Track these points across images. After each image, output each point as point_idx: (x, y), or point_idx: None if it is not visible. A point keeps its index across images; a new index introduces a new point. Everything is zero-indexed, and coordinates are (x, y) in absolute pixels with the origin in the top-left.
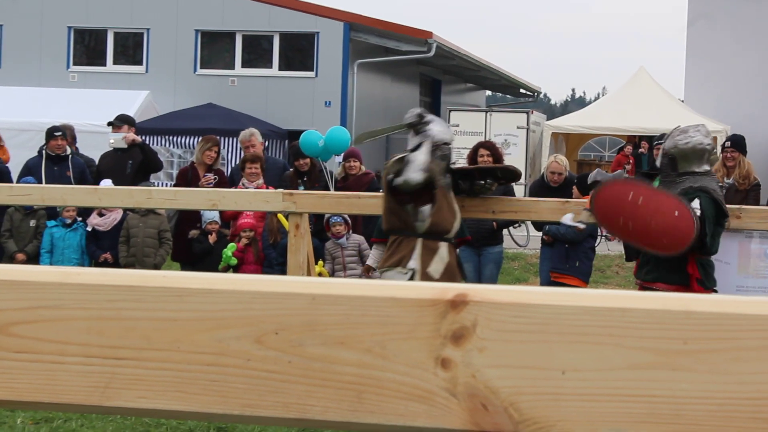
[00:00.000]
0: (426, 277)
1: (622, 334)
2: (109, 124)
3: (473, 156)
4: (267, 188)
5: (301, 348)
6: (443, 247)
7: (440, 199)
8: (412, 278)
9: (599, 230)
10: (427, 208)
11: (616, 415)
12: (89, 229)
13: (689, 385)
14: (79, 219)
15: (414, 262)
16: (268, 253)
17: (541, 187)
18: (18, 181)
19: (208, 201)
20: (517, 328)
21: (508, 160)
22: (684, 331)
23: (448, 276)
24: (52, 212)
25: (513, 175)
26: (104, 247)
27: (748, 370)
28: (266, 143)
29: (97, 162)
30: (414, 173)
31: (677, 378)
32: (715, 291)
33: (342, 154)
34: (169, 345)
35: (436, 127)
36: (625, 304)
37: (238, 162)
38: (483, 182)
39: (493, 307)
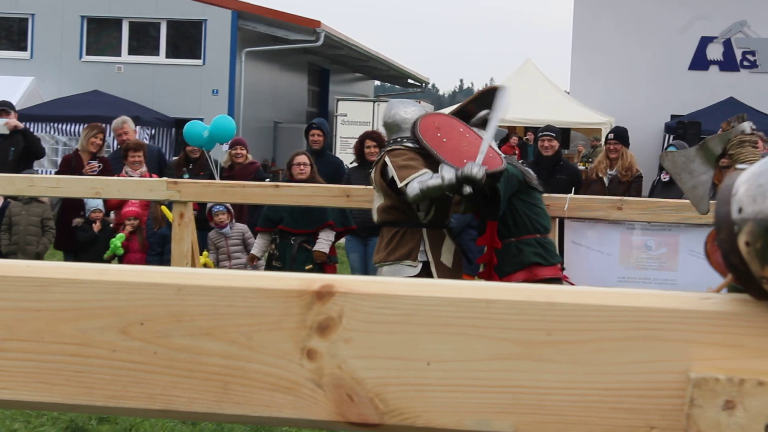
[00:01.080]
0: (441, 267)
1: (485, 325)
2: None
3: (360, 147)
4: (150, 176)
5: (167, 339)
6: (447, 235)
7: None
8: (423, 270)
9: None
10: (426, 201)
11: (480, 406)
12: None
13: (552, 375)
14: None
15: (424, 255)
16: (152, 241)
17: None
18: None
19: (92, 189)
20: (382, 319)
21: None
22: (547, 323)
23: (457, 263)
24: None
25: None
26: None
27: (610, 360)
28: (152, 131)
29: None
30: (413, 187)
31: (540, 369)
32: (558, 264)
33: (228, 142)
34: (32, 335)
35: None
36: (488, 295)
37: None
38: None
39: (359, 299)
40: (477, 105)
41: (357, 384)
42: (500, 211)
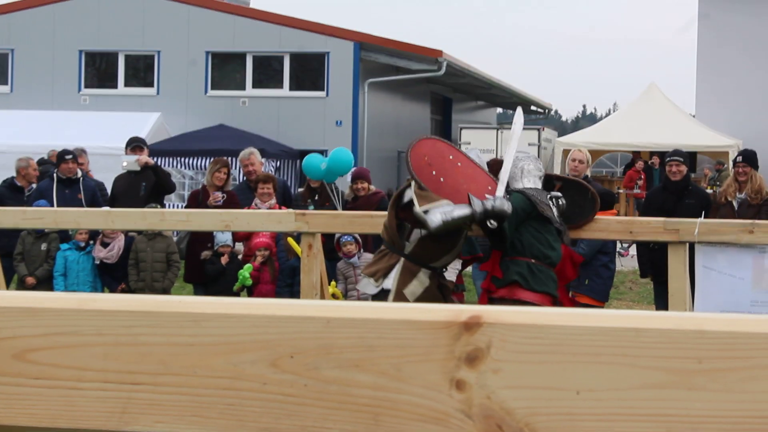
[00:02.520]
0: (400, 297)
1: (636, 354)
2: (128, 146)
3: None
4: (280, 208)
5: (317, 371)
6: (423, 273)
7: (430, 234)
8: (378, 295)
9: (615, 246)
10: (416, 233)
11: None
12: (97, 262)
13: (704, 404)
14: (92, 242)
15: (389, 281)
16: (281, 273)
17: None
18: (31, 205)
19: (221, 222)
20: (531, 349)
21: None
22: (698, 351)
23: (423, 301)
24: (64, 235)
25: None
26: (117, 277)
27: (763, 388)
28: (277, 163)
29: (106, 184)
30: (434, 216)
31: (692, 397)
32: (545, 294)
33: (350, 174)
34: (186, 370)
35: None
36: (638, 324)
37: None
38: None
39: (507, 329)
40: None
41: (506, 414)
42: (507, 245)
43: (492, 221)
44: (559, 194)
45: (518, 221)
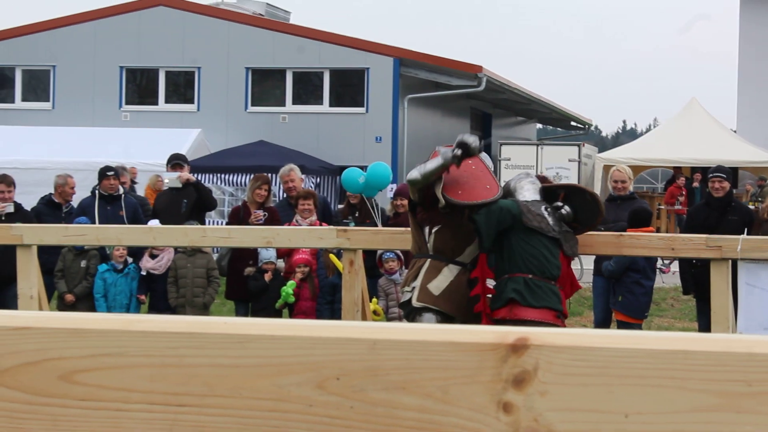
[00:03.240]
0: (424, 291)
1: (684, 376)
2: (169, 162)
3: None
4: (320, 224)
5: (363, 393)
6: (451, 268)
7: (446, 223)
8: (412, 295)
9: (646, 262)
10: (427, 229)
11: None
12: (144, 273)
13: (754, 428)
14: (130, 261)
15: (417, 281)
16: (322, 290)
17: (608, 202)
18: (72, 221)
19: (263, 238)
20: (578, 371)
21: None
22: (748, 373)
23: (450, 295)
24: (104, 253)
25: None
26: (158, 290)
27: None
28: (317, 179)
29: (149, 200)
30: (413, 172)
31: (741, 421)
32: (546, 308)
33: (391, 190)
34: (231, 391)
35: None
36: (686, 346)
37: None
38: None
39: (554, 351)
40: None
41: None
42: (486, 242)
43: (458, 150)
44: (560, 204)
45: (503, 225)
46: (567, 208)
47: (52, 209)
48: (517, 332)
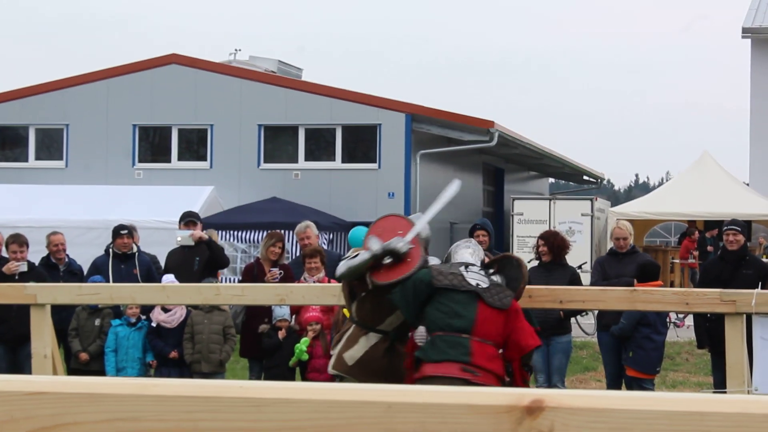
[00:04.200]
0: (340, 360)
1: None
2: (181, 220)
3: (537, 246)
4: (329, 281)
5: None
6: (369, 337)
7: (367, 293)
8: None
9: (666, 318)
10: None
11: None
12: (154, 324)
13: None
14: (143, 317)
15: (337, 348)
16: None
17: (608, 257)
18: (86, 280)
19: (276, 296)
20: None
21: (573, 248)
22: None
23: (364, 365)
24: (118, 311)
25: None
26: (169, 344)
27: None
28: (330, 236)
29: (159, 258)
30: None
31: None
32: (445, 362)
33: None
34: None
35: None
36: (703, 407)
37: (297, 255)
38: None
39: (570, 413)
40: None
41: None
42: (409, 317)
43: (388, 257)
44: (491, 271)
45: (420, 297)
46: (496, 276)
47: (49, 270)
48: (533, 394)
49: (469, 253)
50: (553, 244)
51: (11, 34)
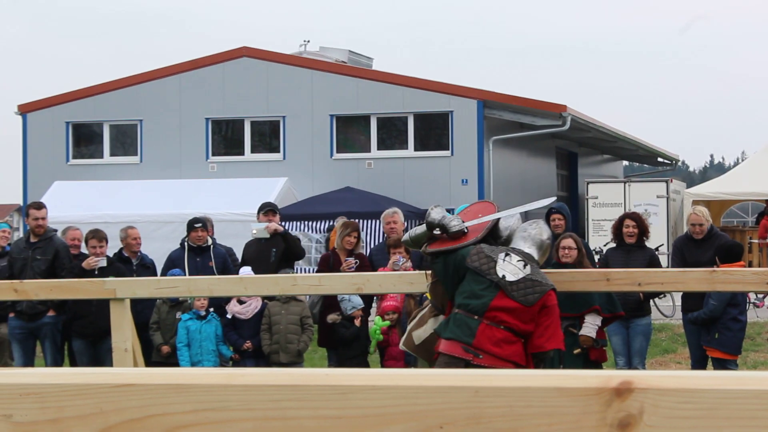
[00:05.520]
0: (409, 338)
1: None
2: (260, 211)
3: (618, 227)
4: (412, 269)
5: None
6: (438, 319)
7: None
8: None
9: (746, 298)
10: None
11: None
12: (229, 316)
13: None
14: (211, 309)
15: (411, 324)
16: None
17: (686, 241)
18: (164, 274)
19: (353, 285)
20: (684, 414)
21: (650, 230)
22: None
23: (428, 345)
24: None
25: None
26: (245, 336)
27: None
28: (406, 224)
29: (235, 250)
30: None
31: None
32: (450, 340)
33: None
34: None
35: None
36: None
37: (378, 242)
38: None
39: (659, 394)
40: None
41: None
42: (447, 289)
43: (438, 230)
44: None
45: (456, 267)
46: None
47: (124, 264)
48: (621, 376)
49: (523, 237)
50: (642, 225)
51: (77, 34)
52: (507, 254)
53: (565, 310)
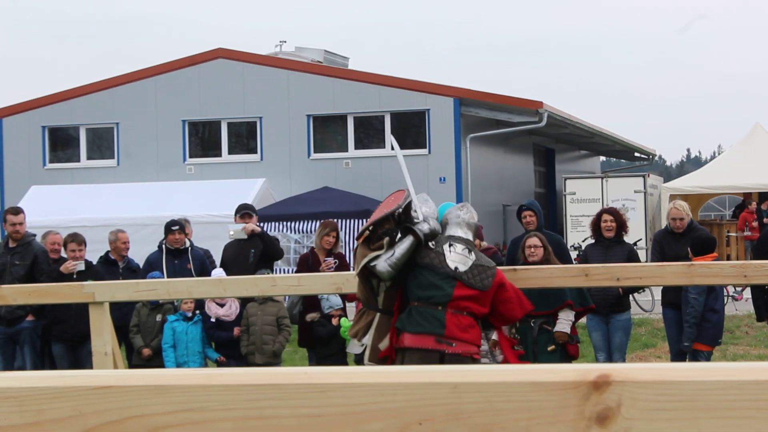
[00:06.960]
0: (375, 351)
1: None
2: (236, 213)
3: (596, 222)
4: None
5: None
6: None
7: (393, 285)
8: (364, 351)
9: (724, 291)
10: (382, 286)
11: None
12: (213, 320)
13: None
14: (198, 312)
15: (368, 337)
16: None
17: (666, 235)
18: (142, 277)
19: (333, 285)
20: (662, 406)
21: (628, 225)
22: None
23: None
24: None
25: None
26: (224, 338)
27: None
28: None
29: (213, 252)
30: (383, 265)
31: None
32: (419, 333)
33: None
34: None
35: (425, 226)
36: None
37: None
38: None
39: (637, 386)
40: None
41: None
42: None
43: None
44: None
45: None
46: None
47: (108, 267)
48: (599, 369)
49: (457, 224)
50: (620, 219)
51: (51, 37)
52: (450, 244)
53: (539, 308)
